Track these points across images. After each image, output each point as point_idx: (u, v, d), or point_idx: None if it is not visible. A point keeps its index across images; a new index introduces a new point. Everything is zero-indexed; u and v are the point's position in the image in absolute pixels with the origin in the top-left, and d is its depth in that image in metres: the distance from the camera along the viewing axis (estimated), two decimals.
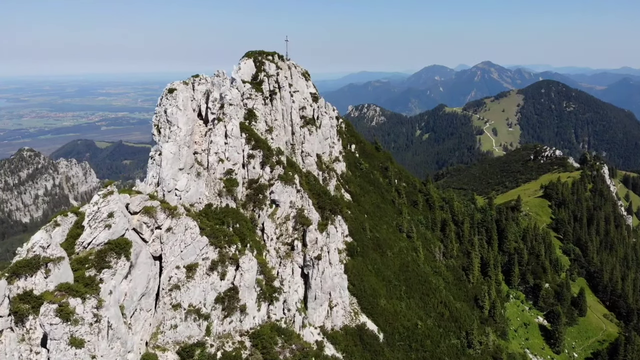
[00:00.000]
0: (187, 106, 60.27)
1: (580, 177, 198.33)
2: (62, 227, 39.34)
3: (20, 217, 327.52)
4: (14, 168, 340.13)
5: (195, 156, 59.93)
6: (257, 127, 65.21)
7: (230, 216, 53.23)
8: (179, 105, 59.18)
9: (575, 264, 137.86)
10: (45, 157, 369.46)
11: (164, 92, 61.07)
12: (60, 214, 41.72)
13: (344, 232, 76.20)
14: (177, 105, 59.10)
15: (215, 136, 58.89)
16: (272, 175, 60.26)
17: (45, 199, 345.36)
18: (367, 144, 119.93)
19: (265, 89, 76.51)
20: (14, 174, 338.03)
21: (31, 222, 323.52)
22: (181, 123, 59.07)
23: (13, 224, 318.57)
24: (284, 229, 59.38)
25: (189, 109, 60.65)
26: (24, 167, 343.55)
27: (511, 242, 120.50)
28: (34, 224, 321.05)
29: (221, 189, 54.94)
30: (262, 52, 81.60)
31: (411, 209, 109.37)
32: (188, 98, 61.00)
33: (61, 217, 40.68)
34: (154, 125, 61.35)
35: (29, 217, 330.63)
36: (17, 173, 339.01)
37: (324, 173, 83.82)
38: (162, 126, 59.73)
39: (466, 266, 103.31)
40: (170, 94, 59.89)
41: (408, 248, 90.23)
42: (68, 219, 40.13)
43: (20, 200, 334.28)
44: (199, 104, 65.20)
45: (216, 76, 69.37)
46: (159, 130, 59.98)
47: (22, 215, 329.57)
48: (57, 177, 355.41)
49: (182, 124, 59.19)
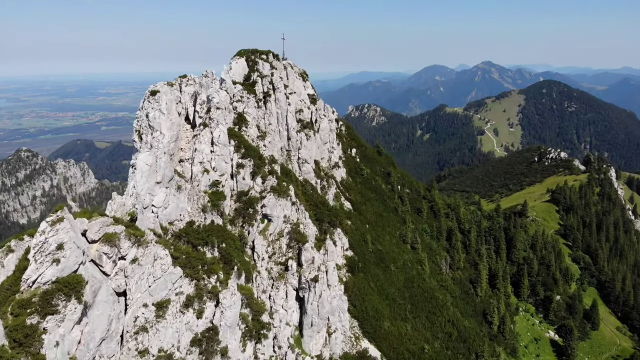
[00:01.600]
0: (171, 110, 54.29)
1: (587, 181, 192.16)
2: (17, 253, 33.39)
3: (18, 219, 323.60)
4: (12, 169, 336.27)
5: (179, 165, 53.90)
6: (247, 133, 59.11)
7: (215, 235, 47.15)
8: (162, 108, 53.20)
9: (586, 273, 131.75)
10: (43, 157, 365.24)
11: (146, 95, 55.19)
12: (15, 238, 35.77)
13: (344, 245, 70.13)
14: (160, 108, 53.12)
15: (200, 144, 52.80)
16: (263, 187, 54.17)
17: (43, 200, 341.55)
18: (368, 148, 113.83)
19: (259, 91, 70.37)
20: (11, 175, 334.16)
21: (29, 223, 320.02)
22: (164, 128, 53.11)
23: (10, 225, 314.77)
24: (277, 246, 53.30)
25: (173, 112, 54.65)
26: (21, 168, 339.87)
27: (520, 252, 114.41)
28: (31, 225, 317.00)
29: (205, 204, 48.83)
30: (255, 51, 75.46)
31: (415, 217, 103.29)
32: (173, 101, 54.98)
33: (15, 241, 34.71)
34: (135, 131, 55.50)
35: (27, 218, 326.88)
36: (15, 174, 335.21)
37: (322, 181, 77.71)
38: (143, 132, 53.76)
39: (474, 278, 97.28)
40: (152, 97, 53.94)
41: (413, 261, 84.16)
42: (24, 244, 34.16)
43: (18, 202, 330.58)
44: (186, 107, 59.27)
45: (204, 77, 63.34)
46: (141, 136, 54.05)
47: (19, 216, 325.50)
48: (55, 178, 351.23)
49: (166, 129, 53.24)
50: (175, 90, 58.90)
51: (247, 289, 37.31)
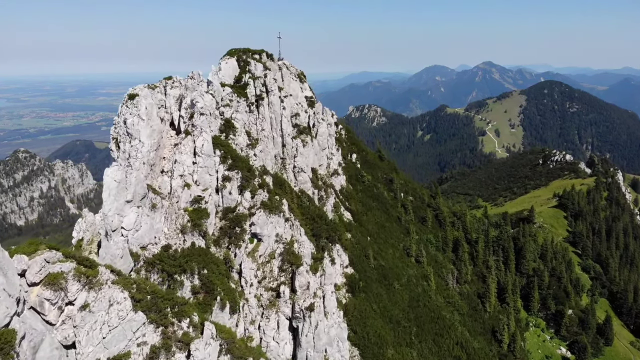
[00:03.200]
0: (152, 115, 48.41)
1: (595, 185, 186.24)
2: None
3: (15, 220, 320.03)
4: (9, 170, 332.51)
5: (161, 176, 47.96)
6: (236, 142, 53.12)
7: (195, 259, 41.26)
8: (142, 114, 47.36)
9: (597, 284, 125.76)
10: (41, 158, 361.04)
11: (124, 99, 49.44)
12: None
13: (344, 262, 64.18)
14: (139, 114, 47.31)
15: (181, 154, 46.85)
16: (253, 202, 48.19)
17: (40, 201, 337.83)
18: (369, 153, 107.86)
19: (250, 94, 64.41)
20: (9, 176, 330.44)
21: (26, 225, 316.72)
22: (144, 136, 47.28)
23: (8, 227, 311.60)
24: (268, 270, 47.33)
25: (154, 118, 48.75)
26: (19, 169, 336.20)
27: (530, 262, 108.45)
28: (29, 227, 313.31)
29: (185, 224, 42.87)
30: (247, 50, 69.48)
31: (419, 226, 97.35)
32: (153, 105, 49.12)
33: None
34: (112, 139, 49.82)
35: (24, 219, 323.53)
36: (12, 175, 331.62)
37: (320, 191, 71.74)
38: (121, 140, 47.98)
39: (482, 293, 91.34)
40: (130, 101, 48.13)
41: (418, 276, 78.19)
42: None
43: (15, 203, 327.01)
44: (171, 112, 53.41)
45: (190, 78, 57.45)
46: (118, 145, 48.28)
47: (17, 218, 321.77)
48: (52, 179, 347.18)
49: (145, 137, 47.41)
50: (159, 94, 53.11)
51: (228, 332, 31.53)
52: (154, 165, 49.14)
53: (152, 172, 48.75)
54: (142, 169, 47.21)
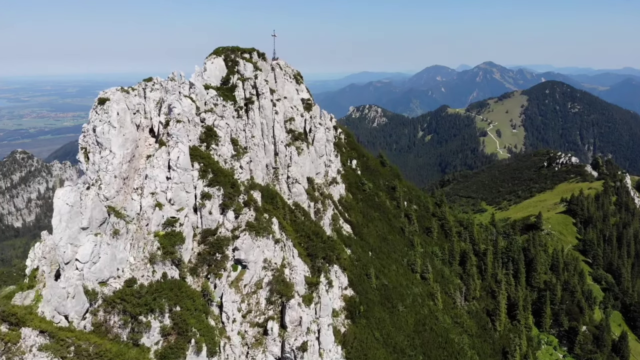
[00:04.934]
0: (124, 122, 42.12)
1: (603, 189, 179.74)
2: None
3: (12, 222, 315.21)
4: (7, 171, 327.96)
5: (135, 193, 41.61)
6: (219, 152, 46.67)
7: (166, 295, 34.88)
8: (112, 121, 41.13)
9: (610, 296, 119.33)
10: (38, 159, 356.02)
11: (94, 104, 43.21)
12: None
13: (342, 284, 57.76)
14: (110, 121, 41.11)
15: (153, 168, 40.45)
16: (237, 223, 41.75)
17: (38, 202, 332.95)
18: (370, 158, 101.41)
19: (239, 97, 58.02)
20: (6, 177, 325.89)
21: (23, 226, 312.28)
22: (115, 146, 41.05)
23: (5, 228, 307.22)
24: (254, 302, 40.92)
25: (127, 125, 42.44)
26: (16, 170, 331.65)
27: (541, 275, 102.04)
28: (26, 228, 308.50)
29: (155, 252, 36.49)
30: (236, 49, 62.99)
31: (424, 237, 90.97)
32: (127, 111, 42.78)
33: None
34: (80, 149, 43.67)
35: (22, 221, 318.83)
36: (10, 176, 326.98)
37: (316, 203, 65.35)
38: (90, 150, 41.74)
39: (491, 310, 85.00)
40: (100, 106, 41.89)
41: (423, 295, 71.80)
42: None
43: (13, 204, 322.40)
44: (151, 117, 47.13)
45: (170, 80, 51.10)
46: (87, 155, 42.05)
47: (14, 219, 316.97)
48: (50, 180, 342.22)
49: (117, 146, 41.19)
50: (136, 97, 46.75)
51: None
52: (128, 179, 42.82)
53: (126, 186, 42.42)
54: (113, 183, 40.95)
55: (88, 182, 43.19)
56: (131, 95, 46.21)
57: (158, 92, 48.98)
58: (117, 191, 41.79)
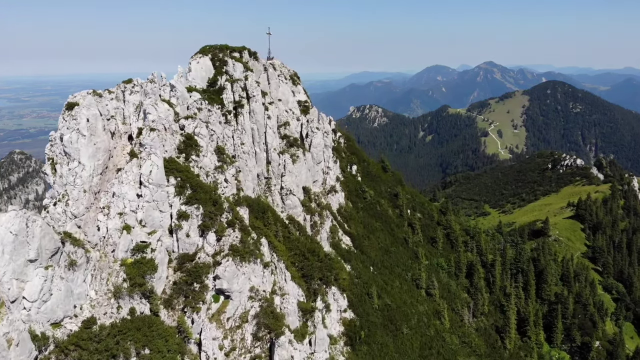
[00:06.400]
0: (96, 129, 36.96)
1: (611, 193, 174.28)
2: None
3: None
4: (4, 172, 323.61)
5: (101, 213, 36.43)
6: (200, 164, 41.29)
7: (131, 336, 29.56)
8: (82, 128, 36.06)
9: (622, 307, 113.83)
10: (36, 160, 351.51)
11: (63, 110, 38.16)
12: None
13: (341, 307, 52.39)
14: (79, 128, 36.00)
15: (122, 185, 35.14)
16: (219, 247, 36.40)
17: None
18: (371, 163, 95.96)
19: (227, 100, 52.67)
20: (4, 178, 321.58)
21: None
22: (85, 156, 35.92)
23: None
24: (238, 338, 35.54)
25: (99, 133, 37.28)
26: (14, 171, 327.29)
27: (551, 287, 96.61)
28: None
29: (120, 285, 31.16)
30: (224, 47, 57.59)
31: (429, 248, 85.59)
32: (98, 117, 37.63)
33: None
34: (47, 159, 38.70)
35: None
36: (7, 177, 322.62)
37: (313, 216, 59.98)
38: (58, 161, 36.57)
39: (501, 326, 79.66)
40: (68, 112, 36.76)
41: (429, 313, 66.47)
42: None
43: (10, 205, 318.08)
44: (130, 123, 42.02)
45: (149, 82, 45.74)
46: (54, 167, 36.96)
47: None
48: None
49: (87, 157, 36.05)
50: (113, 101, 41.67)
51: None
52: (100, 193, 37.58)
53: (97, 201, 37.19)
54: (82, 198, 35.83)
55: (55, 196, 38.17)
56: (106, 99, 41.07)
57: (138, 95, 43.80)
58: (87, 207, 36.63)
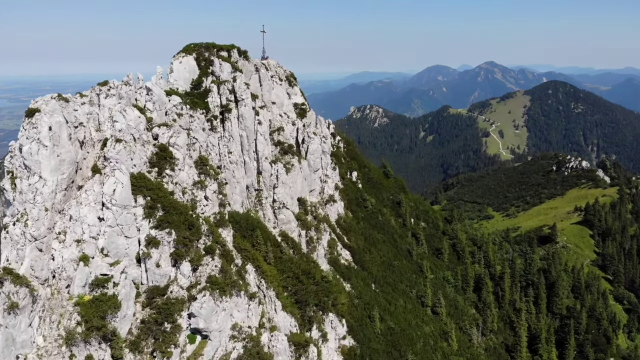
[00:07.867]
0: (59, 139, 31.74)
1: (619, 197, 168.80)
2: None
3: None
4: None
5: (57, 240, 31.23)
6: (175, 179, 36.01)
7: None
8: (43, 138, 30.85)
9: (634, 317, 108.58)
10: None
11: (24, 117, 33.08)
12: None
13: (340, 335, 47.17)
14: (40, 138, 30.80)
15: (80, 206, 29.88)
16: (195, 278, 31.13)
17: None
18: (372, 169, 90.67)
19: (213, 104, 47.41)
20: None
21: None
22: (46, 170, 30.70)
23: None
24: None
25: (64, 143, 32.08)
26: None
27: (563, 300, 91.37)
28: None
29: (73, 329, 25.89)
30: (210, 46, 52.30)
31: (434, 260, 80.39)
32: (62, 125, 32.39)
33: None
34: (7, 174, 33.59)
35: None
36: None
37: (309, 231, 54.71)
38: (18, 175, 31.38)
39: (511, 345, 74.47)
40: (29, 119, 31.59)
41: (436, 335, 61.26)
42: None
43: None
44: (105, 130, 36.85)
45: (124, 84, 40.50)
46: (14, 181, 31.84)
47: None
48: None
49: (49, 171, 30.82)
50: (86, 105, 36.50)
51: None
52: (64, 211, 32.33)
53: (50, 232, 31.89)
54: (43, 218, 30.62)
55: (15, 214, 33.05)
56: (75, 104, 35.81)
57: (114, 99, 38.60)
58: (49, 228, 31.40)
